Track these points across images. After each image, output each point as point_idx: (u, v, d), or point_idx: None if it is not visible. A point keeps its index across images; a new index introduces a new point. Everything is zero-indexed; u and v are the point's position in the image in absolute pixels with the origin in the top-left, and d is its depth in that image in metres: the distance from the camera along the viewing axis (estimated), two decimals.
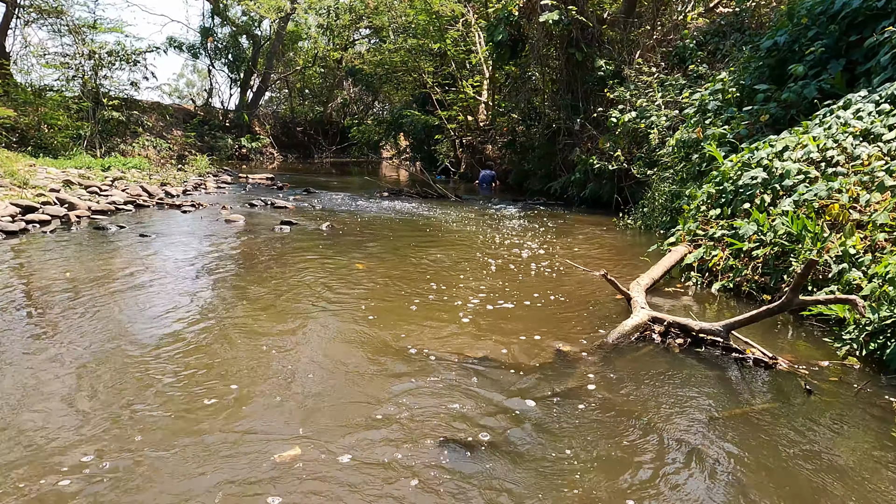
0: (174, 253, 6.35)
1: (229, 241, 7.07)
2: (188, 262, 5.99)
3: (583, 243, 7.83)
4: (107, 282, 5.09)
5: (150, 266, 5.71)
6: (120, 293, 4.77)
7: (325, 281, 5.33)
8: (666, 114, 10.03)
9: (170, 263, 5.86)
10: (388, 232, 8.21)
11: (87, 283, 5.00)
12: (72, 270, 5.41)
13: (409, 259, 6.37)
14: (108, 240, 6.88)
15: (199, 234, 7.55)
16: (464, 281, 5.52)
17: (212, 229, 7.91)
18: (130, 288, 4.94)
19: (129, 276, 5.33)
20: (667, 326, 3.97)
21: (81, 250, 6.27)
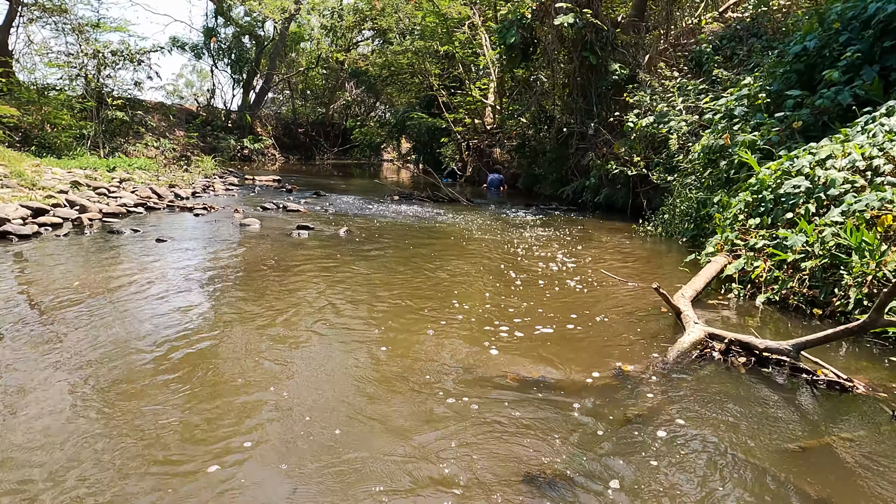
0: (193, 260, 6.10)
1: (248, 247, 6.83)
2: (208, 269, 5.75)
3: (608, 251, 7.62)
4: (128, 291, 4.85)
5: (169, 274, 5.47)
6: (141, 303, 4.53)
7: (350, 295, 5.09)
8: (686, 119, 9.83)
9: (190, 271, 5.62)
10: (406, 239, 7.98)
11: (108, 292, 4.76)
12: (91, 278, 5.16)
13: (432, 271, 6.14)
14: (125, 245, 6.63)
15: (216, 238, 7.30)
16: (497, 296, 5.30)
17: (227, 234, 7.67)
18: (151, 298, 4.70)
19: (149, 284, 5.09)
20: (727, 344, 3.75)
21: (99, 256, 6.03)
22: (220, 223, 8.56)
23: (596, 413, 3.00)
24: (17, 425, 2.68)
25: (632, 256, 7.38)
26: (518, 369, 3.53)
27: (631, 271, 6.39)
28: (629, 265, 6.78)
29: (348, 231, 8.18)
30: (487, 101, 19.58)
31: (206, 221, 8.69)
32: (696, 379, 3.47)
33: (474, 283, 5.67)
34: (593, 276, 6.09)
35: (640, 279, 5.96)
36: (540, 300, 5.11)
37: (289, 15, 26.52)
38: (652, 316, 4.74)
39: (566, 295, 5.32)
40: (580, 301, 5.12)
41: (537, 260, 6.84)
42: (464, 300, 5.02)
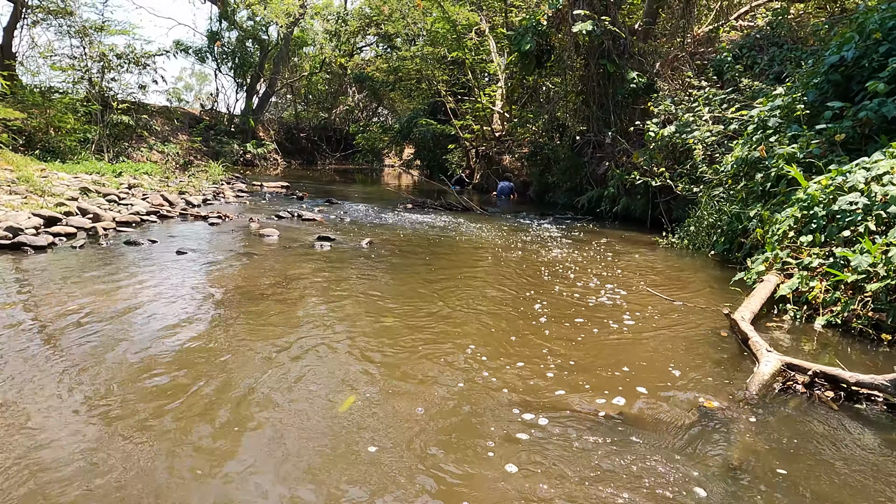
0: (220, 275, 5.80)
1: (271, 261, 6.54)
2: (238, 286, 5.45)
3: (639, 266, 7.36)
4: (156, 313, 4.55)
5: (198, 292, 5.17)
6: (171, 327, 4.23)
7: (385, 325, 4.81)
8: (711, 129, 9.60)
9: (219, 288, 5.32)
10: (430, 255, 7.68)
11: (134, 312, 4.46)
12: (115, 296, 4.86)
13: (465, 298, 5.86)
14: (145, 258, 6.32)
15: (237, 251, 7.00)
16: (543, 323, 5.03)
17: (247, 245, 7.37)
18: (180, 320, 4.40)
19: (176, 301, 4.79)
20: (812, 376, 3.48)
21: (120, 271, 5.72)
22: (238, 233, 8.26)
23: (692, 458, 2.72)
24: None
25: (664, 272, 7.11)
26: (583, 399, 3.25)
27: (668, 288, 6.13)
28: (664, 282, 6.51)
29: (371, 243, 7.89)
30: (495, 107, 19.34)
31: (223, 231, 8.39)
32: (786, 417, 3.19)
33: (521, 308, 5.39)
34: (635, 295, 5.82)
35: (681, 297, 5.69)
36: (588, 327, 4.83)
37: (293, 19, 26.28)
38: (711, 340, 4.47)
39: (612, 317, 5.04)
40: (630, 323, 4.84)
41: (572, 274, 6.56)
42: (517, 327, 4.75)
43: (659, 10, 14.33)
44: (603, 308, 5.26)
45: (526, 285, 6.02)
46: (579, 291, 5.83)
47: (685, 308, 5.32)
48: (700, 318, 5.04)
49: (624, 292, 5.82)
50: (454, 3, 18.89)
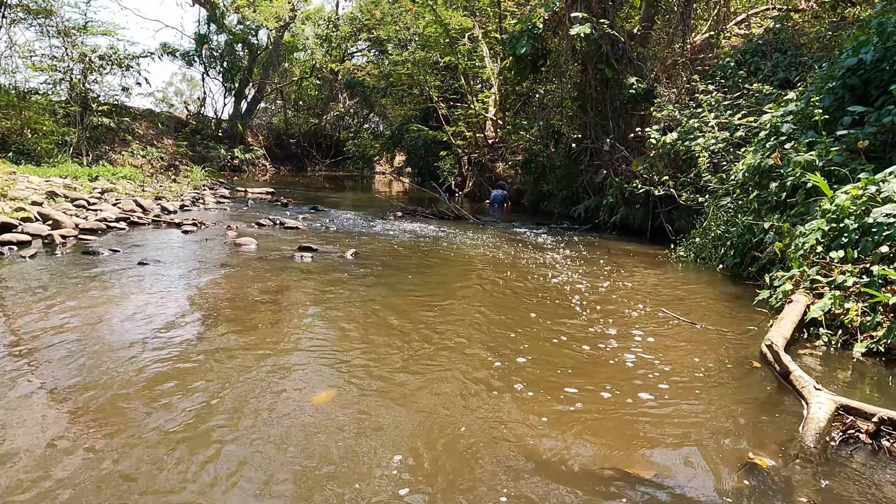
0: (180, 290, 5.15)
1: (244, 274, 5.88)
2: (197, 303, 4.80)
3: (645, 283, 6.77)
4: (94, 334, 3.89)
5: (150, 308, 4.51)
6: (109, 351, 3.57)
7: (376, 351, 4.17)
8: (716, 136, 9.07)
9: (175, 305, 4.66)
10: (421, 267, 7.05)
11: (70, 332, 3.79)
12: (51, 315, 4.19)
13: (461, 315, 5.24)
14: (101, 269, 5.64)
15: (208, 262, 6.34)
16: (549, 348, 4.41)
17: (221, 256, 6.71)
18: (122, 342, 3.74)
19: (125, 321, 4.13)
20: (878, 423, 2.88)
21: (66, 284, 5.04)
22: (212, 242, 7.59)
23: None
24: None
25: (674, 288, 6.53)
26: (607, 457, 2.63)
27: (681, 307, 5.54)
28: (675, 299, 5.92)
29: (356, 254, 7.25)
30: (488, 114, 18.80)
31: (196, 240, 7.72)
32: (855, 475, 2.59)
33: (523, 329, 4.77)
34: (646, 316, 5.22)
35: (696, 317, 5.10)
36: (598, 355, 4.22)
37: (283, 23, 25.68)
38: (742, 373, 3.87)
39: (626, 346, 4.43)
40: (647, 355, 4.23)
41: (577, 294, 5.96)
42: (515, 355, 4.13)
43: (655, 17, 13.89)
44: (612, 333, 4.65)
45: (524, 311, 5.41)
46: (584, 312, 5.23)
47: (706, 332, 4.73)
48: (724, 344, 4.44)
49: (635, 314, 5.22)
50: (447, 7, 18.35)
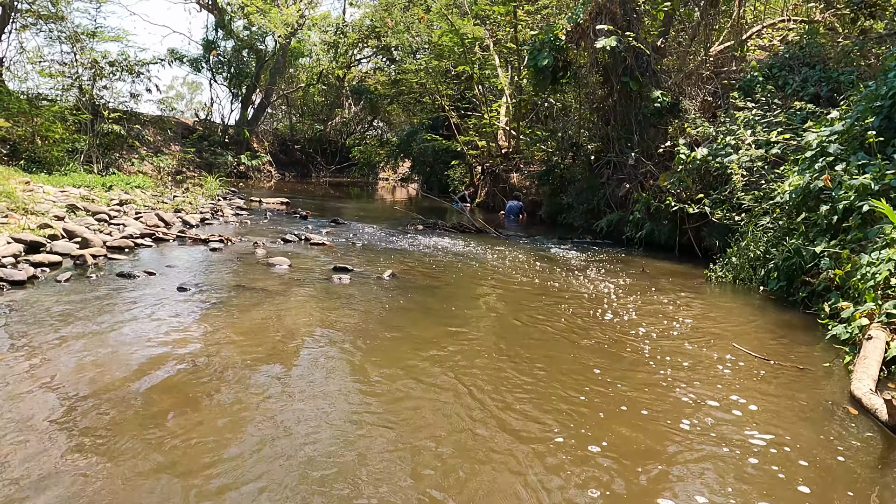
0: (232, 322, 4.91)
1: (286, 299, 5.66)
2: (257, 341, 4.56)
3: (690, 307, 6.57)
4: (165, 382, 3.65)
5: (213, 349, 4.28)
6: (178, 403, 3.34)
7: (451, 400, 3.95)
8: (751, 153, 8.89)
9: (234, 343, 4.43)
10: (461, 293, 6.84)
11: (137, 380, 3.56)
12: (110, 356, 3.95)
13: (527, 349, 5.02)
14: (141, 296, 5.39)
15: (246, 286, 6.09)
16: (633, 438, 4.20)
17: (256, 278, 6.47)
18: (181, 406, 3.51)
19: (186, 365, 3.90)
20: None
21: (113, 314, 4.80)
22: (243, 262, 7.35)
23: None
24: None
25: (723, 313, 6.33)
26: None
27: (739, 336, 5.34)
28: (730, 328, 5.72)
29: (393, 275, 7.02)
30: (500, 123, 18.63)
31: (227, 259, 7.48)
32: None
33: (590, 391, 4.56)
34: (706, 348, 5.01)
35: (760, 349, 4.90)
36: (687, 437, 4.00)
37: (292, 30, 25.46)
38: (837, 421, 3.66)
39: (696, 382, 4.22)
40: (726, 396, 4.02)
41: (631, 333, 5.75)
42: (588, 438, 3.92)
43: (671, 28, 13.73)
44: (672, 363, 4.44)
45: (584, 362, 5.21)
46: (650, 361, 5.02)
47: (780, 369, 4.52)
48: (805, 384, 4.24)
49: (690, 347, 5.01)
50: (461, 16, 18.18)
